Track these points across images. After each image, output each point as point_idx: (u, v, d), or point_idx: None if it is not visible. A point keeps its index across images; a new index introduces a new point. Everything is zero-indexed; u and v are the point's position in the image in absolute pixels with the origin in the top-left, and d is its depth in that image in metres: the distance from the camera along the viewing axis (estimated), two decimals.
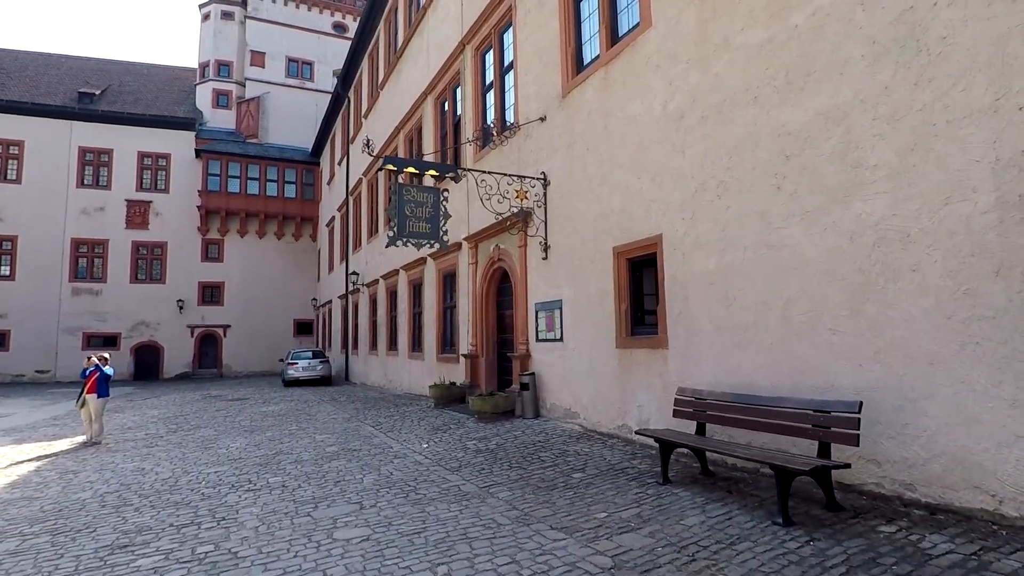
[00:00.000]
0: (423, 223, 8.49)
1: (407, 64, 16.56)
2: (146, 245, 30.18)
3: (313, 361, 22.08)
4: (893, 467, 4.49)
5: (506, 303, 11.19)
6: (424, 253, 14.55)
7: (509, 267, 10.58)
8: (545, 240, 9.32)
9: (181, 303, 30.17)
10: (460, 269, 12.75)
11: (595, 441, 7.55)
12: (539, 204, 9.42)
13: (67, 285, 28.95)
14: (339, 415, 12.41)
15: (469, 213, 12.07)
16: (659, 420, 6.84)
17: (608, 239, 7.85)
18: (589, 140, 8.35)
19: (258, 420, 12.29)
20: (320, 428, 10.66)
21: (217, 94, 32.08)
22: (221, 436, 10.38)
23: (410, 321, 16.01)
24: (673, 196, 6.76)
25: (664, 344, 6.82)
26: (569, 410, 8.67)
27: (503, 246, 10.75)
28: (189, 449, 9.24)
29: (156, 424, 12.65)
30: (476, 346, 11.69)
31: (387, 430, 9.89)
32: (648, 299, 7.65)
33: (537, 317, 9.58)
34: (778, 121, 5.51)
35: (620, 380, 7.55)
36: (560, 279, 8.98)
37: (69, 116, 29.45)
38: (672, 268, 6.75)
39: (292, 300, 32.09)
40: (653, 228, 7.06)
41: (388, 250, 17.84)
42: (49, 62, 33.12)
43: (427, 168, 8.44)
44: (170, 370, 30.14)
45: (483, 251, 11.60)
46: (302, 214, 31.84)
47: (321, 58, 33.21)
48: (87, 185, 29.55)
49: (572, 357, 8.62)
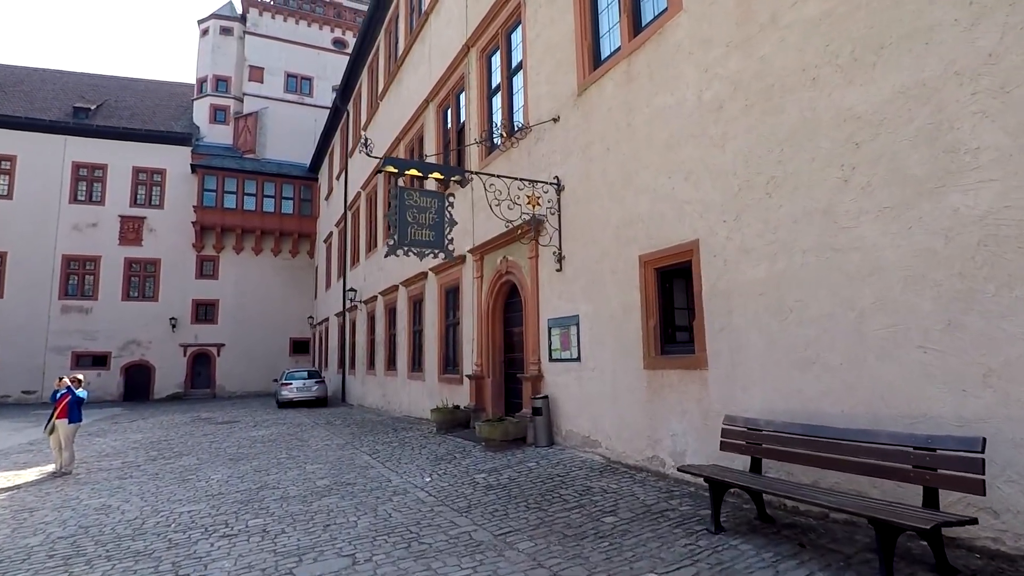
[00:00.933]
0: (426, 230, 7.64)
1: (408, 72, 15.87)
2: (139, 262, 29.29)
3: (308, 381, 21.08)
4: (1016, 519, 3.59)
5: (515, 320, 10.31)
6: (426, 267, 13.70)
7: (518, 280, 9.72)
8: (559, 250, 8.47)
9: (174, 321, 29.20)
10: (464, 283, 11.89)
11: (621, 475, 6.61)
12: (552, 211, 8.59)
13: (56, 302, 28.00)
14: (333, 441, 11.44)
15: (474, 223, 11.24)
16: (698, 452, 5.93)
17: (633, 247, 7.00)
18: (609, 139, 7.54)
19: (246, 446, 11.31)
20: (312, 456, 9.69)
21: (215, 109, 31.45)
22: (203, 466, 9.40)
23: (410, 339, 15.10)
24: (712, 196, 5.92)
25: (702, 364, 5.94)
26: (588, 438, 7.74)
27: (511, 258, 9.90)
28: (165, 482, 8.27)
29: (136, 451, 11.67)
30: (481, 366, 10.78)
31: (385, 459, 8.93)
32: (680, 314, 6.78)
33: (550, 335, 8.69)
34: (842, 104, 4.69)
35: (649, 405, 6.65)
36: (576, 293, 8.12)
37: (63, 131, 28.75)
38: (712, 277, 5.89)
39: (288, 318, 31.13)
40: (687, 233, 6.22)
41: (387, 265, 16.99)
42: (45, 77, 32.54)
43: (431, 171, 7.62)
44: (161, 390, 29.06)
45: (489, 264, 10.75)
46: (299, 230, 31.03)
47: (320, 74, 32.68)
48: (80, 201, 28.74)
49: (591, 379, 7.71)
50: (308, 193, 31.38)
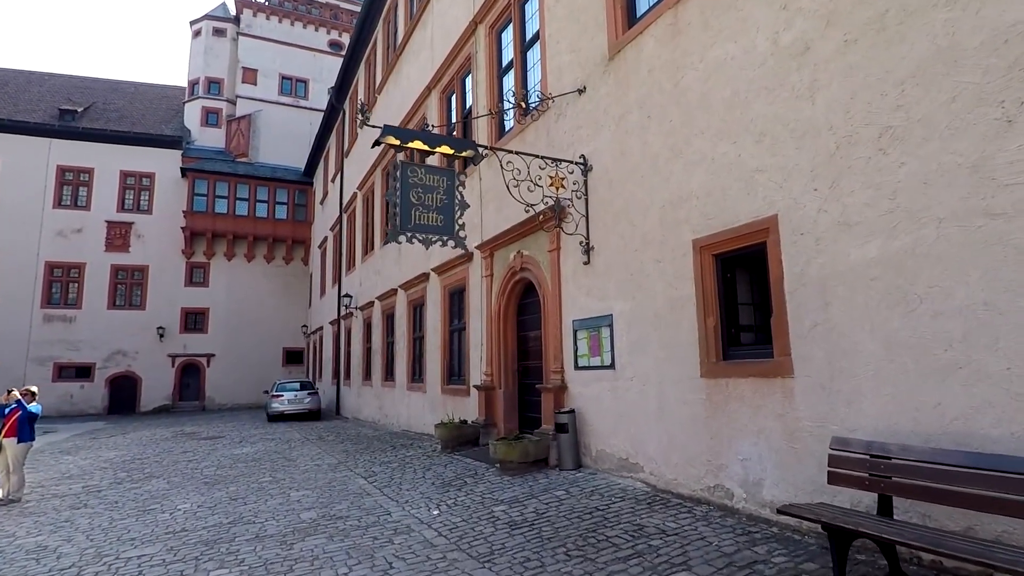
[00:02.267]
0: (433, 213, 6.37)
1: (408, 61, 14.68)
2: (126, 269, 27.87)
3: (300, 393, 19.67)
4: None
5: (531, 323, 9.03)
6: (428, 267, 12.42)
7: (536, 277, 8.46)
8: (587, 240, 7.22)
9: (162, 331, 27.74)
10: (471, 284, 10.61)
11: (676, 509, 5.31)
12: (578, 195, 7.34)
13: (39, 311, 26.51)
14: (325, 460, 10.08)
15: (482, 215, 9.98)
16: (781, 482, 4.65)
17: (684, 231, 5.75)
18: (651, 106, 6.32)
19: (226, 467, 9.94)
20: (299, 480, 8.34)
21: (206, 112, 30.21)
22: (173, 492, 8.04)
23: (409, 347, 13.77)
24: (795, 160, 4.69)
25: (785, 371, 4.67)
26: (626, 460, 6.44)
27: (527, 252, 8.64)
28: (123, 512, 6.92)
29: (104, 471, 10.30)
30: (491, 376, 9.47)
31: (383, 484, 7.59)
32: (745, 310, 5.52)
33: (576, 338, 7.41)
34: (1002, 20, 3.47)
35: (710, 422, 5.36)
36: (609, 288, 6.85)
37: (47, 133, 27.42)
38: (797, 262, 4.64)
39: (282, 327, 29.70)
40: (760, 208, 4.97)
41: (385, 269, 15.70)
42: (31, 79, 31.26)
43: (438, 143, 6.36)
44: (148, 403, 27.53)
45: (500, 260, 9.49)
46: (293, 236, 29.69)
47: (316, 76, 31.50)
48: (65, 205, 27.37)
49: (630, 390, 6.43)
50: (303, 198, 30.09)
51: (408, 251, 14.02)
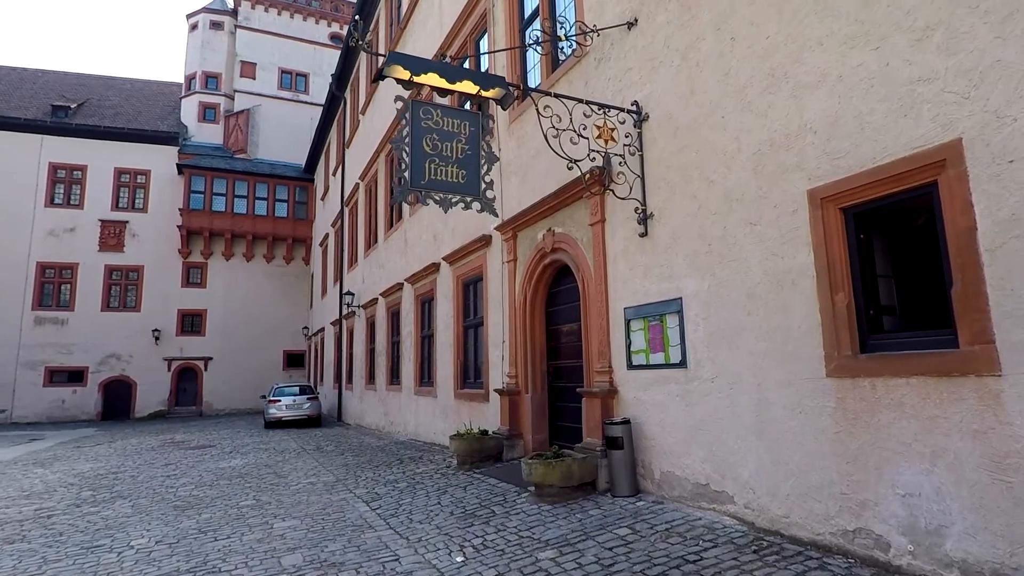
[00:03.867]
0: (453, 167, 4.83)
1: (413, 34, 13.18)
2: (120, 269, 26.38)
3: (299, 398, 18.10)
4: None
5: (564, 314, 7.48)
6: (439, 256, 10.88)
7: (573, 259, 6.91)
8: (643, 206, 5.67)
9: (157, 333, 26.22)
10: (489, 272, 9.06)
11: (799, 562, 3.74)
12: (632, 150, 5.80)
13: (29, 314, 25.04)
14: (320, 477, 8.52)
15: (502, 190, 8.45)
16: (981, 533, 3.08)
17: (795, 180, 4.20)
18: (735, 24, 4.78)
19: (206, 485, 8.39)
20: (287, 504, 6.78)
21: (204, 107, 28.75)
22: (134, 519, 6.50)
23: (417, 347, 12.21)
24: (996, 54, 3.14)
25: (986, 365, 3.11)
26: (707, 487, 4.87)
27: (561, 229, 7.10)
28: (63, 550, 5.38)
29: (68, 489, 8.79)
30: (516, 378, 7.91)
31: (389, 512, 6.03)
32: (885, 284, 3.96)
33: (629, 330, 5.85)
34: None
35: (844, 438, 3.80)
36: (676, 265, 5.30)
37: (39, 130, 26.00)
38: (1004, 204, 3.08)
39: (282, 329, 28.15)
40: (929, 134, 3.42)
41: (389, 262, 14.16)
42: (24, 76, 29.85)
43: (459, 78, 4.82)
44: (143, 408, 26.00)
45: (526, 242, 7.94)
46: (294, 235, 28.17)
47: (316, 70, 30.04)
48: (57, 204, 25.91)
49: (711, 394, 4.86)
50: (303, 195, 28.59)
51: (415, 241, 12.48)
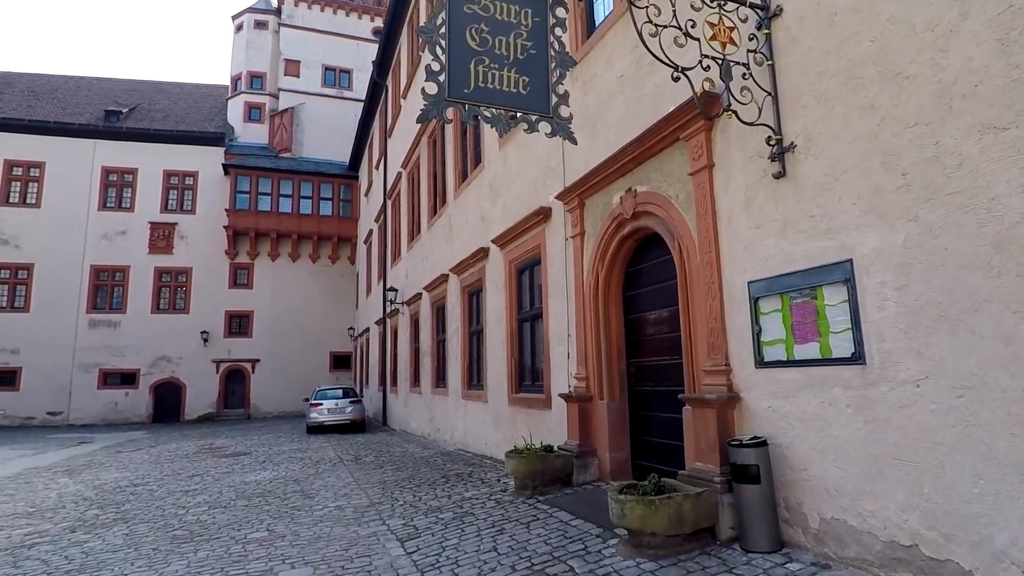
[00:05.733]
0: (509, 72, 3.26)
1: None
2: (169, 271, 26.08)
3: (342, 402, 16.90)
4: None
5: (648, 298, 5.79)
6: (487, 239, 9.34)
7: (663, 224, 5.21)
8: (777, 134, 3.94)
9: (206, 335, 25.76)
10: (549, 251, 7.44)
11: None
12: (757, 58, 4.07)
13: (84, 316, 24.97)
14: (352, 498, 7.07)
15: (563, 150, 6.82)
16: None
17: None
18: None
19: (219, 507, 7.07)
20: (303, 539, 5.33)
21: (249, 107, 28.27)
22: (116, 557, 5.19)
23: (464, 345, 10.70)
24: None
25: None
26: (913, 550, 3.08)
27: (644, 187, 5.41)
28: None
29: (76, 506, 7.73)
30: (586, 380, 6.26)
31: (429, 560, 4.46)
32: None
33: (756, 313, 4.12)
34: None
35: None
36: (841, 211, 3.54)
37: (93, 134, 25.98)
38: None
39: (328, 330, 27.27)
40: None
41: (432, 253, 12.74)
42: (80, 84, 30.16)
43: None
44: (193, 411, 25.56)
45: (597, 209, 6.29)
46: (339, 234, 27.29)
47: (360, 66, 29.15)
48: (109, 207, 25.83)
49: (914, 405, 3.09)
50: (348, 193, 27.71)
51: (460, 225, 10.99)
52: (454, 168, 11.46)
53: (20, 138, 25.26)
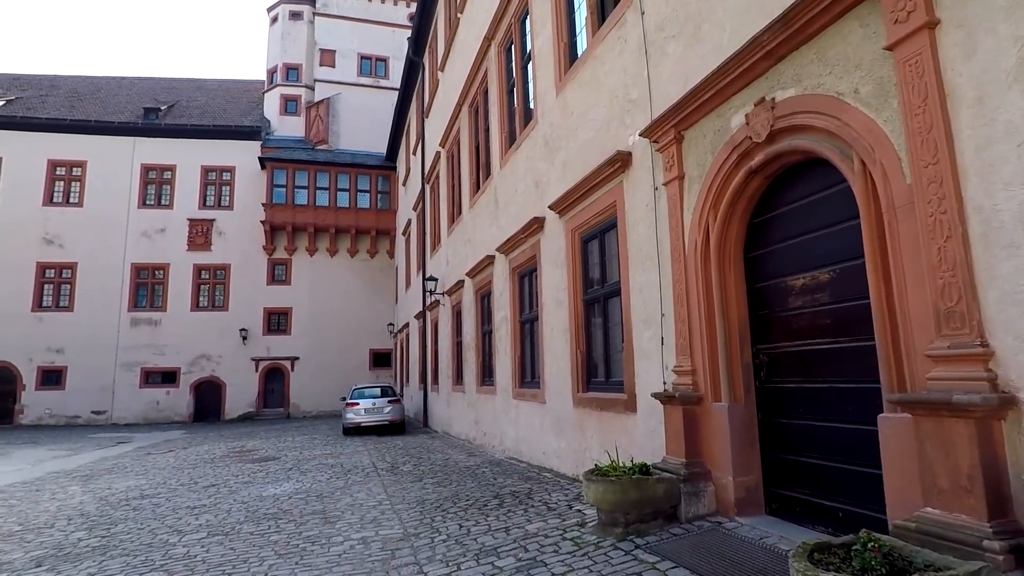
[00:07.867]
0: None
1: None
2: (208, 268, 25.39)
3: (379, 401, 15.49)
4: None
5: (786, 258, 4.02)
6: (543, 207, 7.66)
7: (829, 137, 3.43)
8: None
9: (244, 333, 24.94)
10: (627, 212, 5.70)
11: None
12: None
13: (126, 315, 24.50)
14: (381, 526, 5.50)
15: (648, 71, 5.09)
16: None
17: None
18: None
19: (221, 534, 5.61)
20: None
21: (285, 100, 27.38)
22: None
23: (515, 335, 9.06)
24: None
25: None
26: None
27: (790, 92, 3.64)
28: None
29: (68, 523, 6.55)
30: (692, 374, 4.51)
31: None
32: None
33: None
34: None
35: None
36: None
37: (132, 132, 25.52)
38: None
39: (368, 327, 26.10)
40: None
41: (476, 234, 11.16)
42: (122, 84, 29.93)
43: None
44: (232, 410, 24.79)
45: (703, 143, 4.53)
46: (377, 227, 26.09)
47: (396, 53, 27.87)
48: (149, 205, 25.32)
49: None
50: (386, 184, 26.48)
51: (508, 198, 9.37)
52: (499, 133, 9.84)
53: (63, 138, 25.01)
